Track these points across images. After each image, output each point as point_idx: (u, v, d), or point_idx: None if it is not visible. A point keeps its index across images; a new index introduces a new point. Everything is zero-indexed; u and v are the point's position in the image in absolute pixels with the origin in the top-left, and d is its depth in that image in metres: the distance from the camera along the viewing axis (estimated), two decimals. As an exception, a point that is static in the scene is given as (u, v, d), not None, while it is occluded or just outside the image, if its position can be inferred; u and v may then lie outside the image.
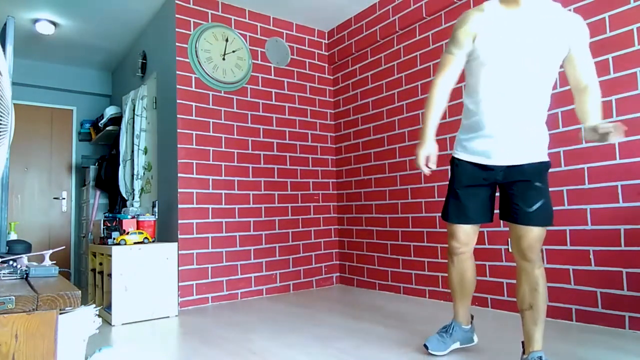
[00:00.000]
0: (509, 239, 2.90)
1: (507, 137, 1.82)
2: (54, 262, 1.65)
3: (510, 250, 2.90)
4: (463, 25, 1.83)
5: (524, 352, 1.86)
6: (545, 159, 1.85)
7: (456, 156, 1.99)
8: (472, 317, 2.19)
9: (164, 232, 3.64)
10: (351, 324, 2.75)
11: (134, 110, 4.20)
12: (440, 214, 3.36)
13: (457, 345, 2.13)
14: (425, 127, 1.96)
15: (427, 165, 1.96)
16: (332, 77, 4.50)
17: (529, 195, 1.81)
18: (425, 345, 2.08)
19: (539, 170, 1.83)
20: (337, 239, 4.31)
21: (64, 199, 5.28)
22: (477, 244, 3.08)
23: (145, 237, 3.14)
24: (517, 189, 1.84)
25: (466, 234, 2.00)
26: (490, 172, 1.88)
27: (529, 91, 1.79)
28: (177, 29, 3.58)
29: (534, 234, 1.80)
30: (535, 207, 1.80)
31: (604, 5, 2.51)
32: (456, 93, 2.22)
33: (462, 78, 1.97)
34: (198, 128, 3.60)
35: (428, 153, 1.95)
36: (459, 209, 1.98)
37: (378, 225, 3.90)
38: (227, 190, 3.71)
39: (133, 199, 4.10)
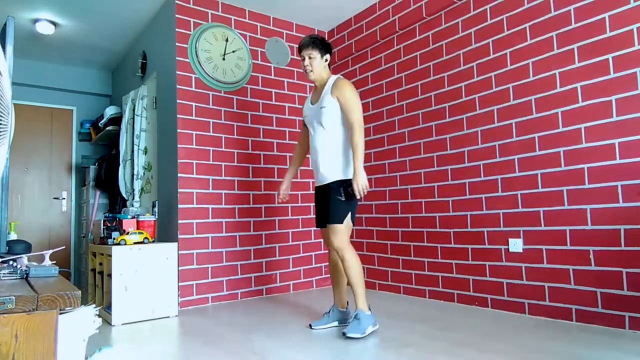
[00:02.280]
0: (511, 239, 2.90)
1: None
2: (54, 262, 1.65)
3: (510, 250, 2.91)
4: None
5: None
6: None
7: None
8: (347, 302, 2.73)
9: (164, 232, 3.64)
10: (351, 324, 2.75)
11: (134, 110, 4.20)
12: (439, 214, 3.36)
13: (332, 324, 2.66)
14: (288, 173, 2.95)
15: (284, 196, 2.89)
16: (332, 77, 4.49)
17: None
18: (310, 325, 2.65)
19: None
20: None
21: (64, 199, 5.28)
22: (477, 243, 3.11)
23: (145, 237, 3.14)
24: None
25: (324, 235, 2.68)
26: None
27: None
28: (177, 29, 3.58)
29: (327, 231, 2.58)
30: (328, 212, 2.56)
31: (604, 5, 2.51)
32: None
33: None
34: (198, 128, 3.60)
35: (284, 193, 2.91)
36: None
37: (378, 225, 3.90)
38: (227, 190, 3.71)
39: (133, 199, 4.10)
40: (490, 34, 3.08)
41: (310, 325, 2.67)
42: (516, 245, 2.87)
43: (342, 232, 2.50)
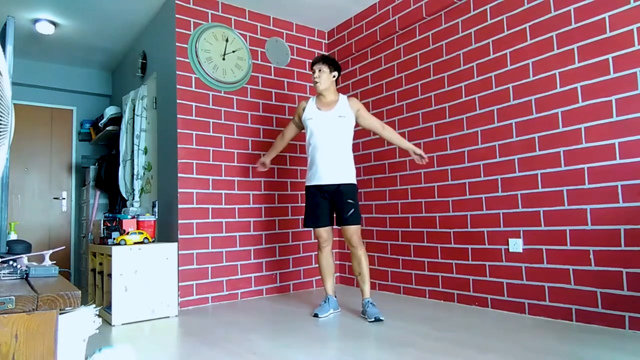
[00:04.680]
0: (511, 239, 2.91)
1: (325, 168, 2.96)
2: (54, 262, 1.65)
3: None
4: (297, 109, 3.20)
5: (363, 299, 2.95)
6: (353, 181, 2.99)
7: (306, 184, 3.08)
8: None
9: (164, 232, 3.64)
10: (351, 324, 2.75)
11: (134, 110, 4.20)
12: (439, 214, 3.36)
13: (331, 310, 2.99)
14: (270, 152, 3.39)
15: (262, 165, 3.37)
16: (332, 77, 4.49)
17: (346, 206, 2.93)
18: (316, 314, 2.91)
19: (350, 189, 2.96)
20: (337, 239, 4.31)
21: (64, 199, 5.28)
22: (477, 244, 3.11)
23: (145, 237, 3.14)
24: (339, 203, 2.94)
25: (326, 233, 3.02)
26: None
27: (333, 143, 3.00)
28: (177, 29, 3.58)
29: (351, 230, 2.93)
30: (349, 213, 2.91)
31: (604, 5, 2.51)
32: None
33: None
34: (198, 128, 3.60)
35: (264, 161, 3.37)
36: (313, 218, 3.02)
37: (378, 225, 3.90)
38: (227, 190, 3.71)
39: (133, 199, 4.10)
40: (490, 34, 3.08)
41: (316, 315, 2.91)
42: (516, 245, 2.87)
43: (360, 231, 2.97)
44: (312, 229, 3.07)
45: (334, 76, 3.07)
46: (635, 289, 2.34)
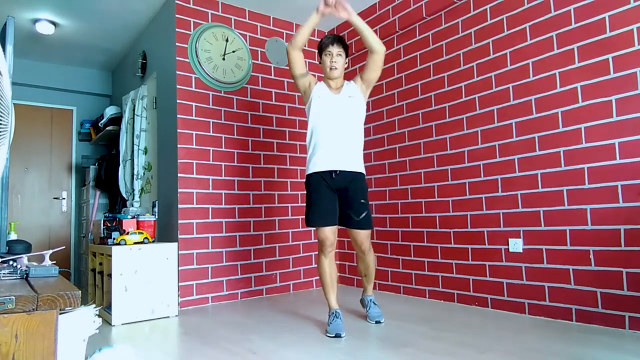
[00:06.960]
0: (511, 239, 2.91)
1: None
2: (54, 262, 1.65)
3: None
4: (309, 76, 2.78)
5: (363, 293, 2.90)
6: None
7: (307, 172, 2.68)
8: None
9: (164, 232, 3.64)
10: (351, 323, 2.75)
11: (134, 110, 4.20)
12: (439, 214, 3.36)
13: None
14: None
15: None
16: (332, 77, 4.49)
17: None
18: (339, 335, 2.42)
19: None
20: (337, 239, 4.30)
21: (64, 199, 5.28)
22: (477, 243, 3.11)
23: (145, 237, 3.14)
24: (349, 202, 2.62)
25: (333, 235, 2.64)
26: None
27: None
28: (177, 29, 3.58)
29: (363, 234, 2.65)
30: (362, 216, 2.62)
31: (604, 5, 2.51)
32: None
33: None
34: (198, 128, 3.60)
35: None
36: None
37: (378, 225, 3.90)
38: (227, 190, 3.71)
39: (133, 199, 4.10)
40: (490, 34, 3.08)
41: (339, 335, 2.42)
42: (516, 245, 2.87)
43: (370, 234, 2.76)
44: (315, 228, 2.57)
45: (346, 62, 2.78)
46: (635, 289, 2.34)
